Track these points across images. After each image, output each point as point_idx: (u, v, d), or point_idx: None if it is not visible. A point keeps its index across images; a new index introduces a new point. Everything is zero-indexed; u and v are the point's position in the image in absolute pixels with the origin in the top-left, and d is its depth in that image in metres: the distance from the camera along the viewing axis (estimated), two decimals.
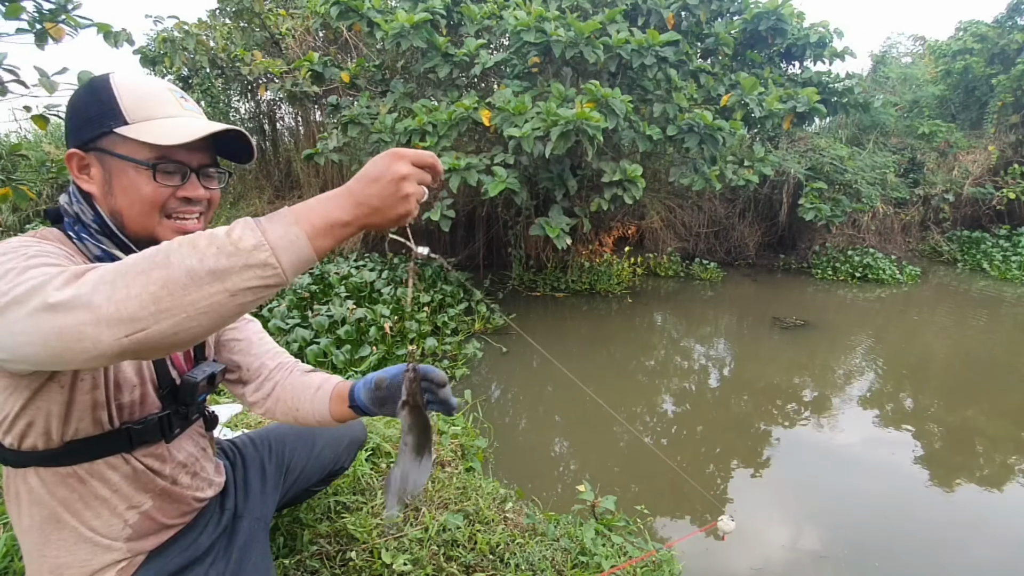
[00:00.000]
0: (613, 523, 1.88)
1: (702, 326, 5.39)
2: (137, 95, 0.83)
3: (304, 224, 0.65)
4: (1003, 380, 4.08)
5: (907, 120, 8.71)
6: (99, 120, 0.82)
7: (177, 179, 0.85)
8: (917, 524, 2.50)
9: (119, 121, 0.81)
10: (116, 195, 0.83)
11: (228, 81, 6.31)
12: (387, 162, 0.68)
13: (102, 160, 0.83)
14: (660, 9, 5.24)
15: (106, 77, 0.85)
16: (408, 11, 4.87)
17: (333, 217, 0.66)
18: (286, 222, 0.64)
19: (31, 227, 6.85)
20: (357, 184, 0.68)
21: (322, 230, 0.65)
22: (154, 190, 0.83)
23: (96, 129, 0.82)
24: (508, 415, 3.44)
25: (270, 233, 0.62)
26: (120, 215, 0.84)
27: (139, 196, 0.83)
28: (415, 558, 1.53)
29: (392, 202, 0.68)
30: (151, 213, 0.84)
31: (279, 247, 0.62)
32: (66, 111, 0.86)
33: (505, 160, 4.49)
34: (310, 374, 1.14)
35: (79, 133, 0.83)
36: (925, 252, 8.20)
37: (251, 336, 1.15)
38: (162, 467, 0.94)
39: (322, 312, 3.97)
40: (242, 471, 1.21)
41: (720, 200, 7.79)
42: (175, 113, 0.86)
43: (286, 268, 0.63)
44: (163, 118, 0.84)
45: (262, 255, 0.61)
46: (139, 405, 0.89)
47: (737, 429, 3.33)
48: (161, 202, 0.84)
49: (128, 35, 2.29)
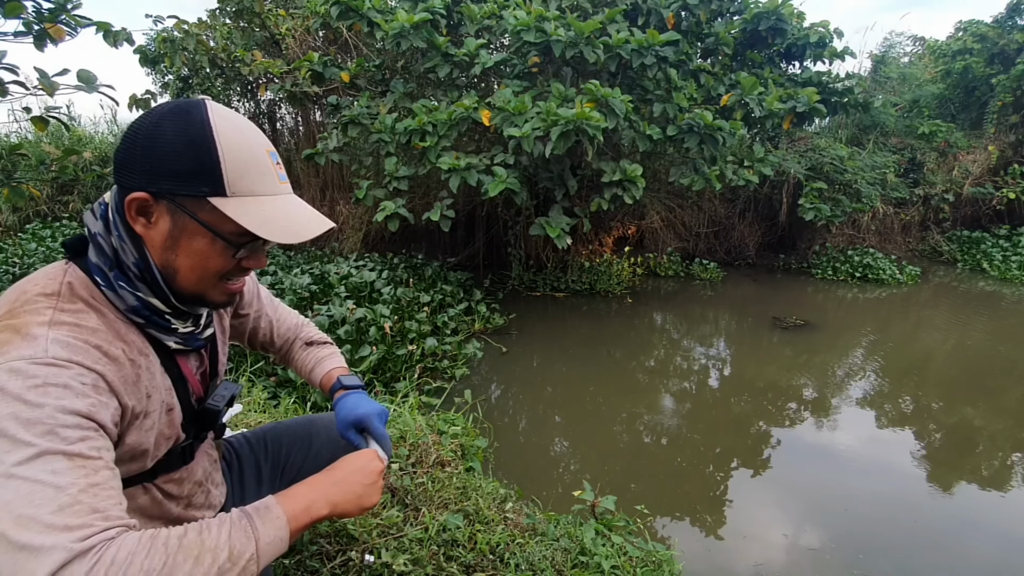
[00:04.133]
0: (613, 523, 1.88)
1: (702, 326, 5.39)
2: (241, 160, 0.73)
3: (292, 524, 0.73)
4: (1003, 380, 4.08)
5: (907, 120, 8.70)
6: (193, 180, 0.71)
7: (249, 252, 0.80)
8: (917, 523, 2.50)
9: (218, 190, 0.72)
10: (179, 254, 0.76)
11: (228, 81, 6.30)
12: (368, 458, 0.91)
13: (175, 215, 0.73)
14: (660, 9, 5.24)
15: (204, 120, 0.72)
16: (408, 11, 4.87)
17: (314, 513, 0.77)
18: (277, 526, 0.71)
19: (31, 227, 6.84)
20: (341, 473, 0.86)
21: (301, 528, 0.75)
22: (225, 263, 0.78)
23: (184, 188, 0.72)
24: (508, 415, 3.44)
25: (262, 540, 0.69)
26: (175, 271, 0.77)
27: (206, 264, 0.77)
28: (415, 558, 1.53)
29: (372, 491, 0.87)
30: (212, 279, 0.79)
31: (265, 553, 0.68)
32: (142, 141, 0.72)
33: (505, 160, 4.49)
34: (306, 351, 1.25)
35: (157, 179, 0.71)
36: (925, 252, 8.20)
37: (272, 320, 1.23)
38: (179, 490, 0.94)
39: (322, 312, 3.97)
40: (238, 472, 1.21)
41: (720, 200, 7.78)
42: (274, 191, 0.77)
43: (260, 567, 0.68)
44: (264, 196, 0.76)
45: (251, 567, 0.66)
46: (171, 445, 0.90)
47: (737, 429, 3.33)
48: (227, 272, 0.79)
49: (128, 35, 2.29)
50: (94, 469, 0.62)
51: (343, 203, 6.62)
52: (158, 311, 0.80)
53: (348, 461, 0.89)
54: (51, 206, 7.69)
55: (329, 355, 1.24)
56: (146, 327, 0.80)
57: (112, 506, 0.62)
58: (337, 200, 6.85)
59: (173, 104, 0.74)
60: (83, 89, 1.73)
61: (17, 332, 0.66)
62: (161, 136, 0.71)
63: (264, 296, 1.22)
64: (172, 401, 0.86)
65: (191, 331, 0.87)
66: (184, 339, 0.86)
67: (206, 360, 0.97)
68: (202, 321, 0.91)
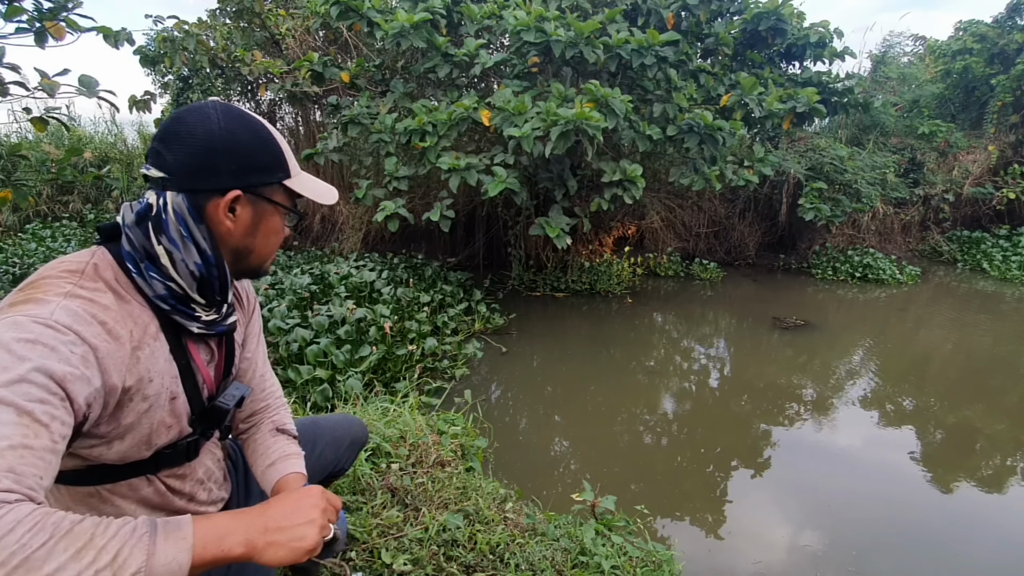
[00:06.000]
0: (613, 523, 1.88)
1: (702, 326, 5.39)
2: (285, 148, 0.91)
3: (198, 552, 0.65)
4: (1003, 380, 4.08)
5: (907, 120, 8.70)
6: (272, 171, 0.87)
7: (291, 221, 0.96)
8: (917, 523, 2.51)
9: (287, 174, 0.90)
10: (258, 236, 0.90)
11: (228, 81, 6.31)
12: (310, 496, 0.81)
13: (255, 204, 0.87)
14: (660, 9, 5.24)
15: (264, 126, 0.88)
16: (408, 11, 4.87)
17: (226, 547, 0.68)
18: (180, 548, 0.64)
19: (31, 227, 6.84)
20: (275, 513, 0.76)
21: (208, 561, 0.67)
22: (284, 234, 0.95)
23: (267, 178, 0.87)
24: (508, 415, 3.45)
25: (157, 557, 0.62)
26: (248, 252, 0.90)
27: (278, 237, 0.94)
28: (415, 558, 1.53)
29: (308, 531, 0.75)
30: (274, 252, 0.96)
31: (154, 574, 0.61)
32: (220, 144, 0.81)
33: (505, 160, 4.49)
34: (275, 438, 1.10)
35: (245, 177, 0.84)
36: (925, 252, 8.20)
37: (255, 373, 1.13)
38: (182, 485, 0.95)
39: (322, 312, 3.97)
40: (243, 471, 1.21)
41: (720, 200, 7.78)
42: (300, 168, 0.96)
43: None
44: (300, 173, 0.94)
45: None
46: (174, 436, 0.91)
47: (737, 429, 3.33)
48: (283, 240, 0.97)
49: (128, 35, 2.29)
50: (35, 433, 0.62)
51: (343, 203, 6.62)
52: (184, 300, 0.86)
53: (284, 499, 0.79)
54: (51, 206, 7.69)
55: (297, 455, 1.09)
56: (171, 314, 0.85)
57: (31, 474, 0.61)
58: (337, 200, 6.84)
59: (224, 107, 0.84)
60: (84, 93, 1.73)
61: (34, 298, 0.71)
62: (239, 140, 0.83)
63: (262, 351, 1.17)
64: (177, 390, 0.87)
65: (214, 319, 0.92)
66: (207, 325, 0.90)
67: (217, 355, 0.98)
68: (224, 309, 0.94)
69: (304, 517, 0.76)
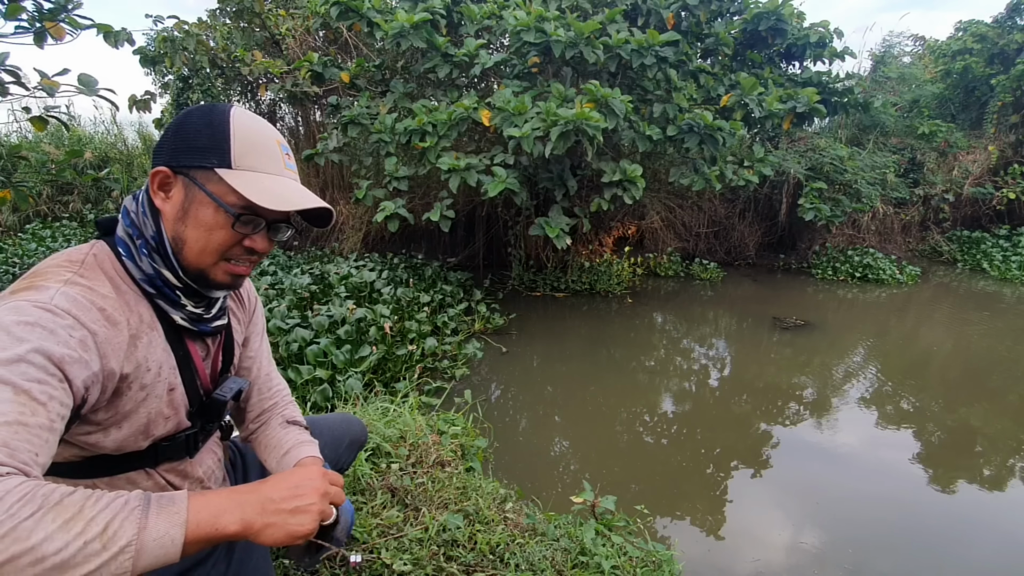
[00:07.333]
0: (613, 523, 1.88)
1: (702, 326, 5.39)
2: (249, 142, 0.83)
3: (191, 528, 0.63)
4: (1003, 380, 4.08)
5: (907, 120, 8.70)
6: (204, 153, 0.81)
7: (250, 229, 0.85)
8: (917, 523, 2.51)
9: (224, 162, 0.81)
10: (188, 224, 0.83)
11: (228, 81, 6.31)
12: (310, 475, 0.78)
13: (188, 187, 0.82)
14: (660, 9, 5.24)
15: (227, 110, 0.84)
16: (408, 11, 4.87)
17: (221, 525, 0.66)
18: (173, 522, 0.62)
19: (31, 227, 6.84)
20: (271, 490, 0.73)
21: (202, 539, 0.65)
22: (227, 236, 0.83)
23: (198, 160, 0.81)
24: (508, 415, 3.45)
25: (148, 530, 0.60)
26: (182, 243, 0.84)
27: (210, 236, 0.83)
28: (415, 558, 1.53)
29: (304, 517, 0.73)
30: (214, 254, 0.84)
31: (147, 548, 0.60)
32: (173, 127, 0.84)
33: (505, 160, 4.49)
34: (286, 429, 1.11)
35: (177, 155, 0.82)
36: (925, 252, 8.20)
37: (259, 371, 1.14)
38: (182, 483, 0.95)
39: (322, 312, 3.97)
40: (243, 472, 1.22)
41: (720, 200, 7.79)
42: (277, 172, 0.86)
43: (137, 570, 0.59)
44: (265, 174, 0.84)
45: (123, 558, 0.58)
46: (172, 428, 0.91)
47: (737, 429, 3.33)
48: (228, 247, 0.85)
49: (128, 35, 2.29)
50: (32, 411, 0.62)
51: (343, 203, 6.62)
52: (169, 284, 0.86)
53: (284, 477, 0.77)
54: (51, 206, 7.69)
55: (310, 442, 1.11)
56: (156, 297, 0.85)
57: (25, 450, 0.61)
58: (337, 200, 6.85)
59: (228, 106, 0.86)
60: (84, 92, 1.74)
61: (35, 285, 0.73)
62: (187, 121, 0.83)
63: (265, 350, 1.18)
64: (175, 381, 0.88)
65: (199, 313, 0.90)
66: (191, 319, 0.89)
67: (212, 351, 0.99)
68: (214, 309, 0.94)
69: (303, 500, 0.74)
